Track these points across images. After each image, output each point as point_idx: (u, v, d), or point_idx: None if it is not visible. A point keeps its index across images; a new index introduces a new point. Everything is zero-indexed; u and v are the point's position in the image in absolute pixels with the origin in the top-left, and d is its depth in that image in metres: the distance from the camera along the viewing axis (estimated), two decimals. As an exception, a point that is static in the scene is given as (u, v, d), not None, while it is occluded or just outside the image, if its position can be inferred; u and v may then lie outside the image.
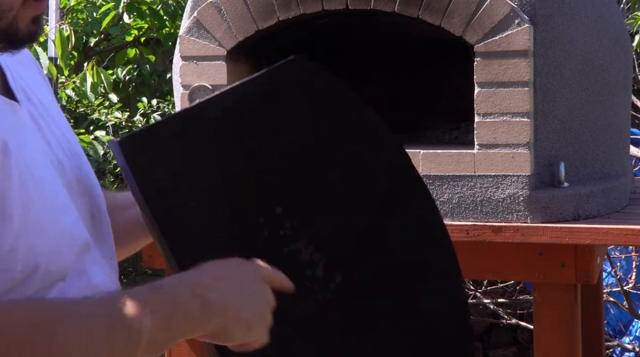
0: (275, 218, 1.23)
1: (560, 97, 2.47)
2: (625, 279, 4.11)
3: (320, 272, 1.24)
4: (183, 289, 1.13)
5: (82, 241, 1.20)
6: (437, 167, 2.43)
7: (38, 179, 1.14)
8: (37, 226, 1.12)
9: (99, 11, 5.01)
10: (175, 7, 5.03)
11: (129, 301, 1.09)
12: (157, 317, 1.08)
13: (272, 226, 1.23)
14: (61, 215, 1.17)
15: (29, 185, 1.12)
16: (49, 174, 1.18)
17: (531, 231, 2.32)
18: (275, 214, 1.23)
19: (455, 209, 2.41)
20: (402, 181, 1.32)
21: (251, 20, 2.57)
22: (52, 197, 1.16)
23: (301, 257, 1.24)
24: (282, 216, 1.23)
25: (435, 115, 3.26)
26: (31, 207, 1.11)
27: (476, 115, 2.41)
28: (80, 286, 1.18)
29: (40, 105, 1.26)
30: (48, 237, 1.13)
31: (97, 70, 4.39)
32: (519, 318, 4.25)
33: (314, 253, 1.24)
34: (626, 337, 4.35)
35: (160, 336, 1.09)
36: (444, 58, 3.23)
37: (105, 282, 1.25)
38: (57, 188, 1.19)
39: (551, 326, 2.36)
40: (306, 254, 1.24)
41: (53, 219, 1.15)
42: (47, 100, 1.30)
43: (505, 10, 2.38)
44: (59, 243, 1.15)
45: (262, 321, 1.17)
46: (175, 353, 2.61)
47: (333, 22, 2.83)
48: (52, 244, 1.14)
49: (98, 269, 1.24)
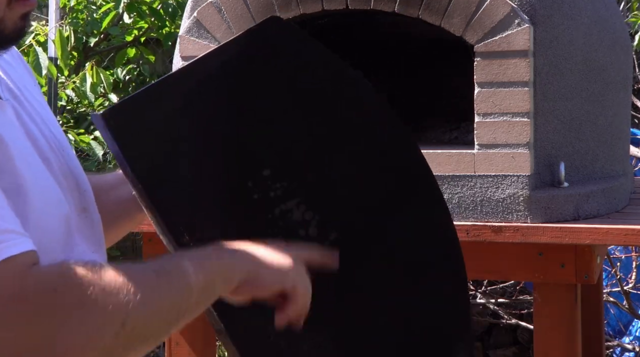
0: (264, 180, 1.23)
1: (560, 97, 2.47)
2: (625, 279, 4.11)
3: (314, 231, 1.25)
4: (210, 248, 1.14)
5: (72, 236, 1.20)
6: (437, 167, 2.43)
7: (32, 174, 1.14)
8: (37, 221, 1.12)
9: (99, 11, 5.00)
10: (175, 7, 5.03)
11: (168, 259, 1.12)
12: (195, 263, 1.09)
13: (262, 189, 1.22)
14: (55, 209, 1.17)
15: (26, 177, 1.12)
16: (40, 171, 1.18)
17: (531, 231, 2.32)
18: (264, 176, 1.23)
19: (455, 209, 2.41)
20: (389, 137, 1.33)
21: (251, 20, 2.57)
22: (47, 191, 1.16)
23: (293, 217, 1.24)
24: (270, 177, 1.23)
25: (435, 115, 3.25)
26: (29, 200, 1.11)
27: (476, 115, 2.41)
28: None
29: (26, 102, 1.25)
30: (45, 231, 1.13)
31: (97, 71, 4.38)
32: (519, 318, 4.25)
33: (305, 212, 1.24)
34: (626, 337, 4.35)
35: (201, 278, 1.09)
36: (444, 58, 3.23)
37: None
38: (49, 183, 1.19)
39: (551, 326, 2.36)
40: (298, 213, 1.24)
41: (48, 214, 1.15)
42: (32, 97, 1.29)
43: (505, 10, 2.37)
44: (52, 238, 1.15)
45: (298, 272, 1.16)
46: (176, 353, 2.61)
47: (333, 22, 2.83)
48: (47, 238, 1.14)
49: None
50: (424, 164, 1.33)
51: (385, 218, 1.30)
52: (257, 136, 1.24)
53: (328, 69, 1.29)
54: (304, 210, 1.24)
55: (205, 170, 1.21)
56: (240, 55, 1.23)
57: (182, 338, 2.60)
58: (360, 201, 1.29)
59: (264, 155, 1.24)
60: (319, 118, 1.28)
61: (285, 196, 1.24)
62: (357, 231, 1.28)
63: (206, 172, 1.21)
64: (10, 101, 1.22)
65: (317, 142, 1.27)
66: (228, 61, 1.22)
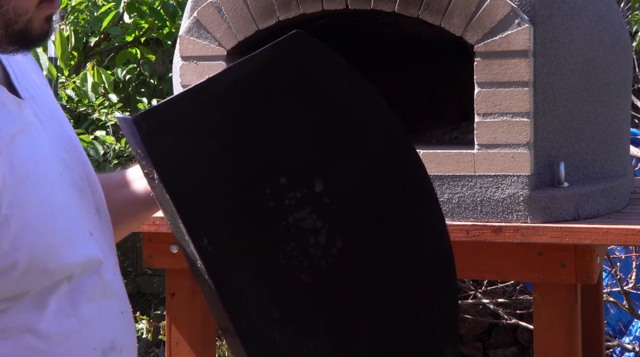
0: (280, 188, 1.27)
1: (560, 97, 2.47)
2: (625, 279, 4.11)
3: (323, 239, 1.29)
4: None
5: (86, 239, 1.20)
6: (437, 167, 2.43)
7: (40, 177, 1.15)
8: (36, 225, 1.12)
9: (99, 11, 5.01)
10: (176, 7, 5.03)
11: None
12: None
13: (278, 197, 1.27)
14: (60, 213, 1.17)
15: (28, 184, 1.12)
16: (51, 172, 1.19)
17: (531, 231, 2.32)
18: (280, 185, 1.27)
19: (455, 209, 2.41)
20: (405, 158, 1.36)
21: (251, 20, 2.57)
22: (51, 195, 1.16)
23: (305, 225, 1.28)
24: (286, 186, 1.27)
25: (435, 115, 3.26)
26: (28, 207, 1.12)
27: (476, 115, 2.41)
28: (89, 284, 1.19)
29: (42, 103, 1.26)
30: (46, 235, 1.13)
31: (97, 70, 4.39)
32: (519, 318, 4.25)
33: (317, 220, 1.29)
34: (626, 337, 4.35)
35: None
36: (444, 58, 3.23)
37: (113, 277, 1.26)
38: (58, 186, 1.19)
39: (551, 326, 2.36)
40: (310, 221, 1.28)
41: (52, 218, 1.15)
42: (47, 98, 1.31)
43: (505, 10, 2.38)
44: (57, 242, 1.15)
45: None
46: (176, 353, 2.61)
47: (333, 22, 2.83)
48: (50, 242, 1.14)
49: (106, 265, 1.24)
50: (420, 168, 1.37)
51: (384, 224, 1.34)
52: (275, 146, 1.28)
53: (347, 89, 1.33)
54: (315, 218, 1.28)
55: (228, 178, 1.25)
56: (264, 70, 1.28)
57: (182, 338, 2.60)
58: (362, 207, 1.33)
59: (281, 164, 1.28)
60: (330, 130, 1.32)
61: (299, 204, 1.28)
62: (358, 238, 1.32)
63: (228, 180, 1.25)
64: (29, 101, 1.22)
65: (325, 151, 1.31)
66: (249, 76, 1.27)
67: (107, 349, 1.22)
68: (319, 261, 1.28)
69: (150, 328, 4.91)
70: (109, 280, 1.24)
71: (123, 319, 1.27)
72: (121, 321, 1.26)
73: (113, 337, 1.23)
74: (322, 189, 1.30)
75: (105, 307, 1.23)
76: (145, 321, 4.98)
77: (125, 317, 1.28)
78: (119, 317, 1.26)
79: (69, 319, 1.18)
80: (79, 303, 1.18)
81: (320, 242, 1.29)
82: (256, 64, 1.28)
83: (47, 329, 1.15)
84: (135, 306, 5.08)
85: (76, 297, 1.18)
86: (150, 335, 4.87)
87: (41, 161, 1.17)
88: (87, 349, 1.19)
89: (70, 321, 1.18)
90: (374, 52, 3.35)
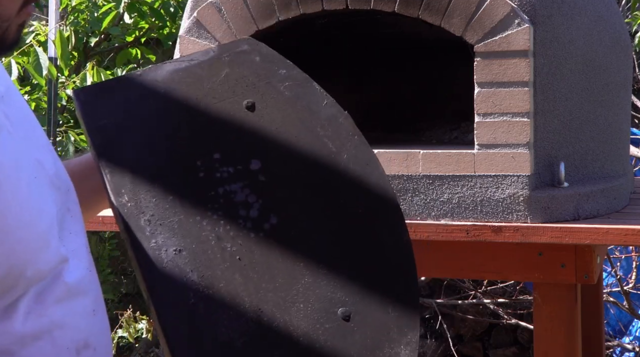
0: (212, 162, 1.32)
1: (560, 97, 2.47)
2: (625, 279, 4.11)
3: (254, 213, 1.31)
4: None
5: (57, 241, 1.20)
6: (437, 167, 2.43)
7: (17, 181, 1.14)
8: (16, 232, 1.11)
9: (99, 11, 5.01)
10: (176, 7, 5.03)
11: None
12: None
13: (209, 169, 1.32)
14: (37, 218, 1.17)
15: (6, 189, 1.11)
16: (28, 175, 1.18)
17: (531, 231, 2.32)
18: (213, 159, 1.32)
19: (455, 209, 2.41)
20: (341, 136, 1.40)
21: (251, 20, 2.57)
22: (28, 200, 1.16)
23: (236, 198, 1.31)
24: (219, 160, 1.32)
25: (435, 115, 3.26)
26: (7, 213, 1.11)
27: (476, 115, 2.41)
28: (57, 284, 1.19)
29: (12, 104, 1.25)
30: (24, 242, 1.13)
31: (97, 71, 4.39)
32: (519, 318, 4.25)
33: (249, 195, 1.32)
34: (626, 337, 4.35)
35: None
36: (444, 58, 3.23)
37: (84, 276, 1.25)
38: (34, 189, 1.18)
39: (551, 326, 2.36)
40: (242, 195, 1.32)
41: (29, 224, 1.14)
42: (17, 98, 1.29)
43: (505, 10, 2.38)
44: (36, 247, 1.15)
45: None
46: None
47: (333, 22, 2.84)
48: (28, 248, 1.13)
49: (76, 263, 1.23)
50: (358, 141, 1.41)
51: (326, 204, 1.36)
52: (215, 128, 1.35)
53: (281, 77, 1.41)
54: (247, 193, 1.32)
55: (160, 148, 1.32)
56: (209, 60, 1.39)
57: (182, 338, 2.60)
58: (302, 188, 1.35)
59: (219, 141, 1.34)
60: (270, 116, 1.38)
61: (231, 178, 1.32)
62: (297, 220, 1.34)
63: (160, 150, 1.32)
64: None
65: (264, 135, 1.37)
66: (196, 65, 1.38)
67: (81, 348, 1.21)
68: (248, 233, 1.30)
69: (150, 328, 4.91)
70: (79, 278, 1.23)
71: (96, 317, 1.26)
72: (94, 319, 1.26)
73: (86, 335, 1.23)
74: (258, 167, 1.34)
75: (76, 306, 1.22)
76: (145, 321, 4.98)
77: (98, 315, 1.27)
78: (91, 315, 1.25)
79: (40, 319, 1.17)
80: (47, 304, 1.18)
81: (252, 216, 1.31)
82: (203, 57, 1.38)
83: (18, 331, 1.15)
84: (135, 306, 5.08)
85: (44, 299, 1.18)
86: (150, 335, 4.87)
87: (15, 165, 1.15)
88: (60, 349, 1.19)
89: (41, 321, 1.17)
90: (374, 52, 3.35)
